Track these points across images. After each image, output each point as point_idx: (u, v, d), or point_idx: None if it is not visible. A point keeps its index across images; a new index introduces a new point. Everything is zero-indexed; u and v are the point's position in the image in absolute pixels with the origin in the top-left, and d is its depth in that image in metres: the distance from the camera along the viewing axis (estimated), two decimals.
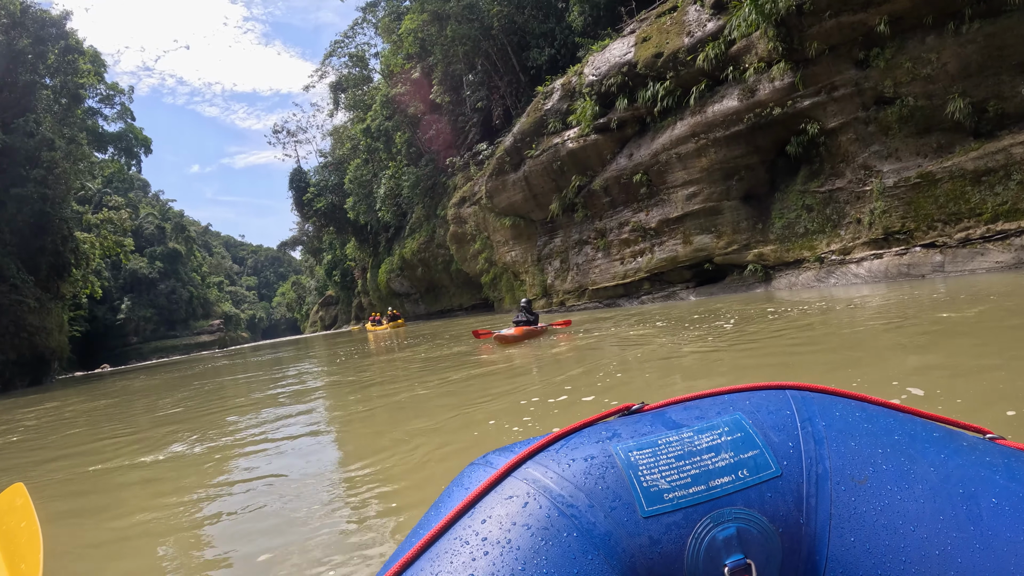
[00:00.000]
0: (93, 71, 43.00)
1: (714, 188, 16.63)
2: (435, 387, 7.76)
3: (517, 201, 22.44)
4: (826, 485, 0.84)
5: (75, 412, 12.23)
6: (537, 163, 20.70)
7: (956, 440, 0.89)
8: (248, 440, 5.89)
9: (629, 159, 18.16)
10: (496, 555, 0.75)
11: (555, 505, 0.81)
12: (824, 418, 0.92)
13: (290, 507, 3.49)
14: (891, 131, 13.92)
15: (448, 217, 32.31)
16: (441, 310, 43.24)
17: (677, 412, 0.98)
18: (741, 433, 0.91)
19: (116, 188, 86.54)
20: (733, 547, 0.81)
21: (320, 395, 9.66)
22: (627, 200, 18.64)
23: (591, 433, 0.94)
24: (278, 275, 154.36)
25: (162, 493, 4.39)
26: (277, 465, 4.65)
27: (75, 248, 42.19)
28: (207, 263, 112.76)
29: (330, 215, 53.43)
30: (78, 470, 5.68)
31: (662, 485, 0.84)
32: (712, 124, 16.08)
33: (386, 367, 12.70)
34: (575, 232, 20.90)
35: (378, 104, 41.12)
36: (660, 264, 17.66)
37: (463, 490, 0.88)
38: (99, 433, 8.28)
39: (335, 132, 57.29)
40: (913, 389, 3.81)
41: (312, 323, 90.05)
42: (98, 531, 3.73)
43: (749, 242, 16.37)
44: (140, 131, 48.91)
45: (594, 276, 19.88)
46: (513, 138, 21.69)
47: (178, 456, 5.62)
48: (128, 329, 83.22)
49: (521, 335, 12.48)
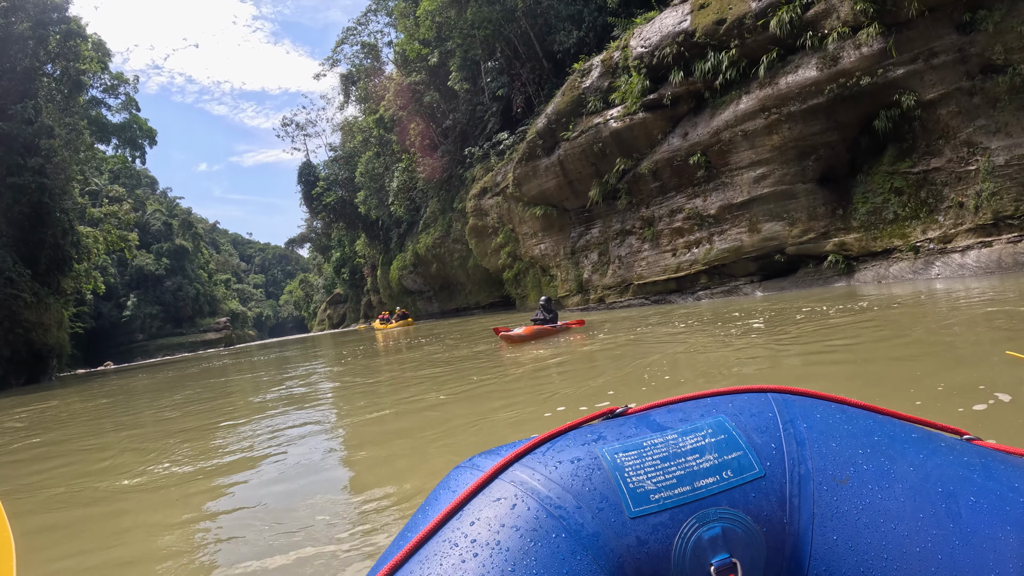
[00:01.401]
0: (96, 58, 41.17)
1: (786, 169, 14.54)
2: (453, 391, 6.89)
3: (550, 188, 20.31)
4: (808, 485, 0.84)
5: (67, 414, 11.43)
6: (574, 146, 18.62)
7: (934, 441, 0.89)
8: (241, 459, 4.88)
9: (683, 139, 16.08)
10: (485, 557, 0.75)
11: (543, 507, 0.81)
12: (806, 420, 0.92)
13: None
14: (1000, 103, 11.93)
15: (467, 209, 30.25)
16: (456, 308, 41.13)
17: (661, 415, 0.97)
18: (725, 435, 0.90)
19: (123, 184, 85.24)
20: (719, 546, 0.81)
21: (328, 401, 8.56)
22: (680, 185, 16.56)
23: (577, 436, 0.93)
24: (286, 273, 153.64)
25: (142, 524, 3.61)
26: (265, 493, 3.77)
27: (76, 242, 40.43)
28: (214, 260, 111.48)
29: (340, 210, 51.39)
30: (50, 488, 4.76)
31: (648, 486, 0.84)
32: (785, 97, 14.00)
33: (397, 369, 11.71)
34: (616, 221, 18.79)
35: (392, 93, 39.10)
36: (721, 255, 15.56)
37: (450, 493, 0.87)
38: (81, 443, 7.29)
39: (345, 125, 55.32)
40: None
41: (320, 322, 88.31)
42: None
43: (827, 230, 14.28)
44: (145, 122, 46.98)
45: (640, 270, 17.77)
46: (547, 119, 19.60)
47: (161, 477, 4.60)
48: (134, 326, 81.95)
49: (530, 335, 11.78)
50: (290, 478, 3.98)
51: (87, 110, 42.49)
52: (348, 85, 52.03)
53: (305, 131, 60.52)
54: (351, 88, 51.92)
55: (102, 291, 51.12)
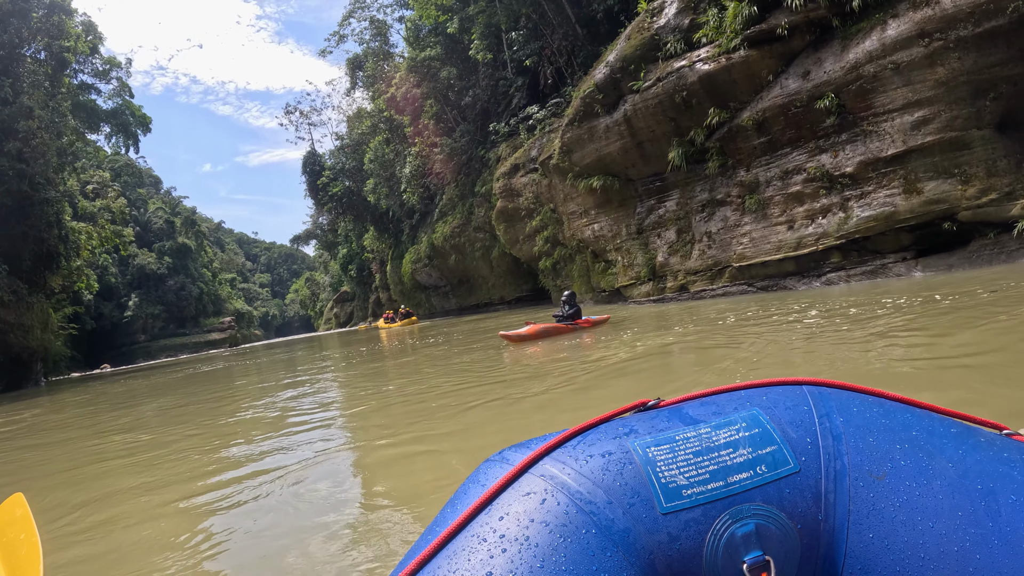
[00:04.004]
0: (81, 36, 37.16)
1: (956, 111, 10.54)
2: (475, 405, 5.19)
3: (611, 153, 16.27)
4: (844, 481, 0.81)
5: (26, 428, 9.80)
6: (647, 98, 14.62)
7: (974, 436, 0.85)
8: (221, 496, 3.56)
9: (804, 79, 12.09)
10: (514, 552, 0.72)
11: (573, 502, 0.78)
12: (842, 414, 0.88)
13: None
14: None
15: (494, 191, 26.21)
16: (476, 304, 37.02)
17: (694, 408, 0.93)
18: (759, 429, 0.86)
19: (125, 183, 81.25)
20: (752, 543, 0.78)
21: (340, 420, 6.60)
22: (799, 138, 12.55)
23: (608, 429, 0.89)
24: (291, 272, 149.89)
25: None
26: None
27: (65, 236, 36.44)
28: (218, 259, 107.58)
29: (347, 201, 47.25)
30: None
31: (680, 481, 0.80)
32: (952, 19, 10.01)
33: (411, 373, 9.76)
34: (702, 189, 14.78)
35: (404, 71, 35.07)
36: (864, 226, 11.54)
37: (480, 487, 0.84)
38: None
39: (352, 113, 51.28)
40: None
41: (326, 320, 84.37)
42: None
43: (1013, 188, 10.28)
44: (138, 108, 42.87)
45: (740, 248, 13.75)
46: (608, 69, 15.56)
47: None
48: (136, 327, 78.04)
49: (533, 334, 10.59)
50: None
51: (76, 95, 38.42)
52: (355, 70, 47.99)
53: (310, 120, 56.33)
54: (358, 74, 47.91)
55: (95, 289, 47.19)
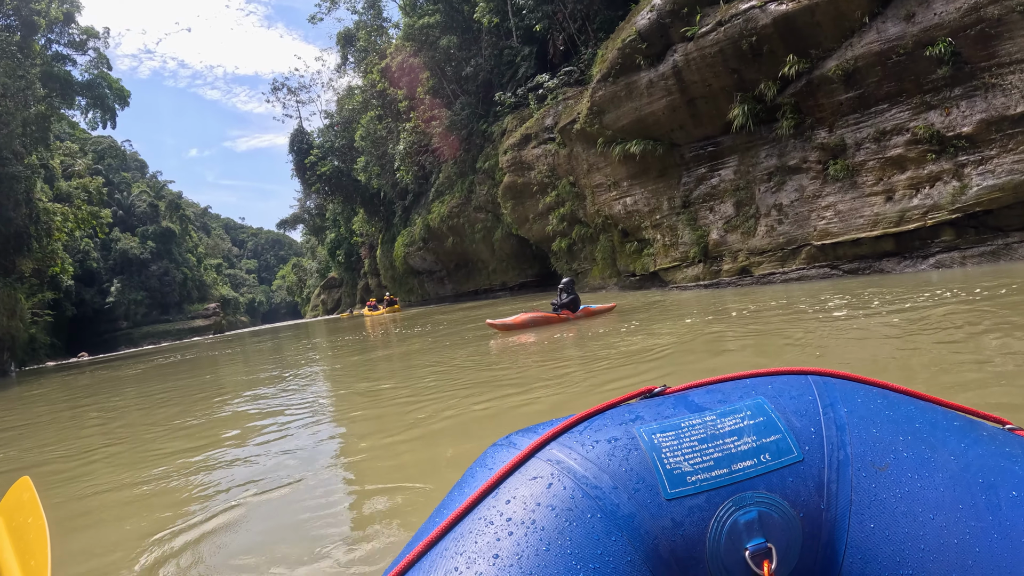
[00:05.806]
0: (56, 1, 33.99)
1: None
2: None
3: (655, 112, 13.79)
4: (847, 471, 0.80)
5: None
6: (705, 45, 12.17)
7: (976, 429, 0.84)
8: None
9: (907, 22, 9.71)
10: (520, 535, 0.72)
11: (579, 486, 0.78)
12: (846, 404, 0.87)
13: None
14: None
15: (501, 165, 23.63)
16: (475, 290, 34.48)
17: (699, 395, 0.93)
18: (763, 417, 0.86)
19: (109, 166, 77.45)
20: (754, 531, 0.77)
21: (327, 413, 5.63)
22: (900, 92, 10.19)
23: (614, 415, 0.89)
24: (278, 258, 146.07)
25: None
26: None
27: (36, 217, 33.42)
28: (203, 244, 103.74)
29: (336, 181, 44.31)
30: None
31: (685, 468, 0.80)
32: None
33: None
34: (769, 155, 12.39)
35: (401, 37, 32.26)
36: (986, 197, 9.20)
37: (487, 471, 0.84)
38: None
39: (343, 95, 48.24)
40: None
41: (313, 307, 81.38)
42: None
43: None
44: (116, 81, 39.63)
45: (822, 224, 11.37)
46: (655, 13, 13.05)
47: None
48: (118, 313, 74.44)
49: (520, 324, 9.88)
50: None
51: (50, 65, 35.18)
52: (346, 45, 45.01)
53: (297, 96, 53.13)
54: (349, 48, 44.95)
55: (71, 273, 44.02)
